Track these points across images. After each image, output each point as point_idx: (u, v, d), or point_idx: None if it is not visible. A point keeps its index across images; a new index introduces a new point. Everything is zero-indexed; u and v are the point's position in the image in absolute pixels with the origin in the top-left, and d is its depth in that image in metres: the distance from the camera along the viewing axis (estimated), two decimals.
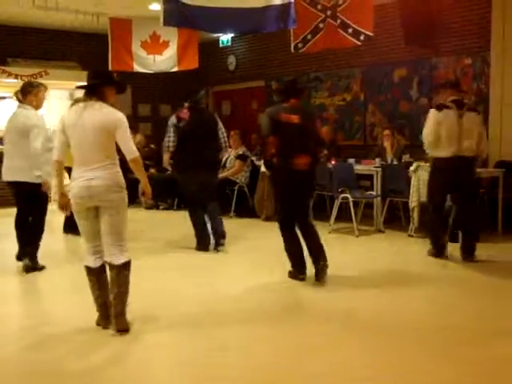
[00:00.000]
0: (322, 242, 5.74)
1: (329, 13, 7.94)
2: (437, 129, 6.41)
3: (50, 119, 9.60)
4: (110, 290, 4.35)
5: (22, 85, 6.23)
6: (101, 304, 4.41)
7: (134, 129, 12.12)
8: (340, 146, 10.35)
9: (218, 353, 4.00)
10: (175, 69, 10.72)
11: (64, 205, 4.43)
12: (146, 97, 13.30)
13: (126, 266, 4.33)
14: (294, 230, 5.80)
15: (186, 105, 7.26)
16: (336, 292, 5.43)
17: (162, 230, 8.88)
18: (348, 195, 8.12)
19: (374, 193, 8.44)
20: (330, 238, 8.00)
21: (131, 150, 4.33)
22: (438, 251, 6.68)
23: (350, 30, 7.73)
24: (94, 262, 4.39)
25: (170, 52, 10.61)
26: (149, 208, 10.48)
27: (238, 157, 10.08)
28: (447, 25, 9.19)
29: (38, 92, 6.13)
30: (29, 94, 6.04)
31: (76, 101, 4.39)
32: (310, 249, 5.76)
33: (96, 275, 4.39)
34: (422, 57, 9.67)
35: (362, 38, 7.71)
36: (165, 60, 10.63)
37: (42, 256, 6.25)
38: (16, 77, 10.87)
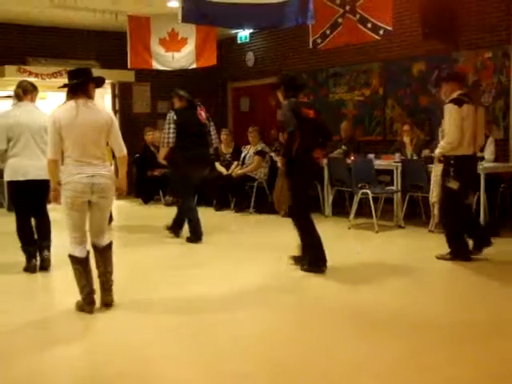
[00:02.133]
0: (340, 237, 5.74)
1: (347, 8, 7.90)
2: (462, 126, 6.05)
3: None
4: (97, 268, 4.73)
5: (22, 83, 6.17)
6: (88, 292, 4.67)
7: (153, 125, 12.26)
8: (359, 142, 10.29)
9: (227, 349, 4.01)
10: (194, 66, 10.73)
11: (57, 197, 4.70)
12: (165, 93, 13.33)
13: (111, 245, 4.84)
14: (313, 221, 5.87)
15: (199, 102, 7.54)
16: (354, 289, 5.42)
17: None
18: (368, 191, 8.09)
19: (393, 188, 8.40)
20: (349, 233, 7.99)
21: (123, 147, 4.80)
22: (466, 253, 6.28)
23: (370, 25, 7.69)
24: (81, 252, 4.67)
25: (189, 49, 10.61)
26: (169, 205, 10.51)
27: (257, 153, 10.08)
28: (466, 18, 9.11)
29: (36, 94, 6.18)
30: (29, 93, 6.04)
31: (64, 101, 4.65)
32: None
33: (84, 264, 4.68)
34: (442, 51, 9.58)
35: (381, 32, 7.67)
36: (183, 57, 10.63)
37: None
38: (36, 76, 10.95)
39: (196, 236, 7.39)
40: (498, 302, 4.98)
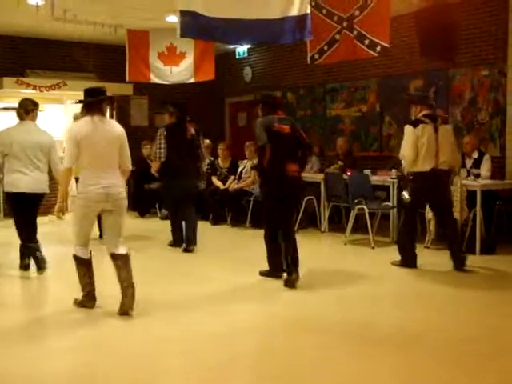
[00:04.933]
0: (333, 252, 5.74)
1: (345, 24, 7.93)
2: (416, 145, 6.53)
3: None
4: (118, 275, 4.94)
5: (25, 102, 6.53)
6: (90, 290, 5.09)
7: (150, 139, 12.25)
8: (356, 157, 10.32)
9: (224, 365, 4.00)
10: (192, 80, 10.77)
11: (63, 209, 5.05)
12: (162, 107, 13.35)
13: (129, 255, 5.02)
14: (278, 241, 6.13)
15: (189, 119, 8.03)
16: (349, 304, 5.41)
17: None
18: (364, 206, 8.10)
19: (390, 204, 8.40)
20: (345, 249, 7.99)
21: (130, 161, 5.14)
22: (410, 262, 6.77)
23: (367, 42, 7.73)
24: (87, 254, 5.06)
25: (187, 63, 10.66)
26: (164, 218, 10.47)
27: (254, 167, 10.08)
28: (463, 36, 9.17)
29: (37, 111, 6.56)
30: (31, 112, 6.44)
31: (77, 116, 4.96)
32: (290, 258, 5.96)
33: (88, 265, 5.08)
34: (439, 68, 9.64)
35: (378, 49, 7.70)
36: (181, 71, 10.68)
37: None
38: (34, 88, 10.97)
39: (177, 243, 7.81)
40: (495, 320, 4.98)
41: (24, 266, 6.48)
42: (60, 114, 11.54)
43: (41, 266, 6.35)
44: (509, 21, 8.70)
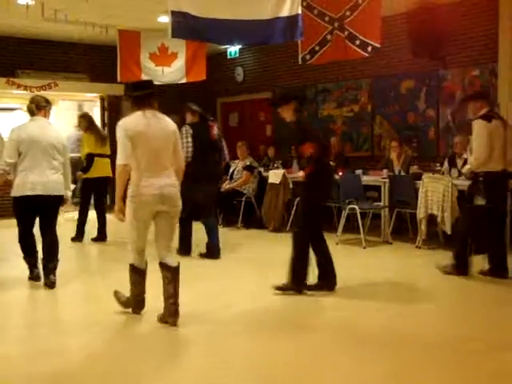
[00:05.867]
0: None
1: (336, 24, 7.95)
2: (490, 141, 5.97)
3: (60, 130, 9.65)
4: (165, 288, 4.65)
5: (37, 98, 6.12)
6: (141, 299, 4.87)
7: None
8: (347, 158, 10.34)
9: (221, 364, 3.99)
10: (183, 80, 10.75)
11: (123, 209, 4.62)
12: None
13: (179, 268, 4.71)
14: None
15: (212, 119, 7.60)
16: (342, 304, 5.41)
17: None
18: (355, 206, 8.11)
19: (381, 204, 8.42)
20: (337, 249, 7.97)
21: (183, 158, 4.86)
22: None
23: (358, 42, 7.74)
24: (143, 264, 4.80)
25: (179, 64, 10.64)
26: None
27: (246, 168, 10.08)
28: (454, 37, 9.20)
29: (50, 109, 6.17)
30: (43, 108, 5.98)
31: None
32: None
33: (144, 275, 4.82)
34: (430, 68, 9.67)
35: (369, 49, 7.71)
36: (173, 72, 10.66)
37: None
38: (25, 88, 10.93)
39: (184, 251, 7.39)
40: (489, 318, 5.00)
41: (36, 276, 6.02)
42: (51, 115, 11.49)
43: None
44: (499, 21, 8.74)
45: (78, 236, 8.47)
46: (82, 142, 8.77)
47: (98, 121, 11.50)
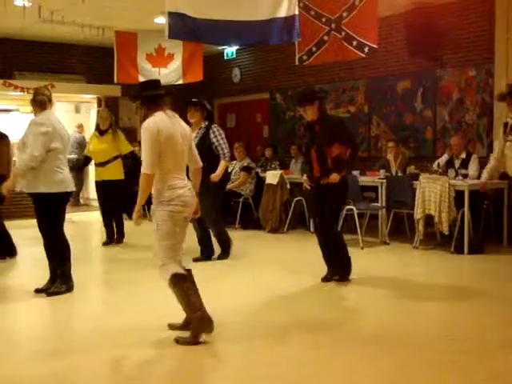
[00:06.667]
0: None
1: (333, 25, 7.95)
2: None
3: None
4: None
5: (46, 91, 5.83)
6: (204, 309, 4.30)
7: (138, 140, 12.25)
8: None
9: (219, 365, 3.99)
10: (180, 81, 10.75)
11: (141, 216, 4.35)
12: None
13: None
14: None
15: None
16: (340, 304, 5.42)
17: None
18: (353, 207, 8.12)
19: (378, 204, 8.44)
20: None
21: (199, 158, 4.56)
22: None
23: (355, 43, 7.75)
24: (182, 269, 4.33)
25: (175, 65, 10.65)
26: None
27: (243, 169, 10.09)
28: (451, 37, 9.22)
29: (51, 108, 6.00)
30: (51, 102, 5.77)
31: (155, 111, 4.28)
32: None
33: (193, 279, 4.39)
34: (427, 69, 9.69)
35: (366, 50, 7.72)
36: (170, 73, 10.66)
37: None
38: (22, 90, 10.94)
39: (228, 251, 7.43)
40: (483, 319, 5.01)
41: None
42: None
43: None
44: (495, 21, 8.77)
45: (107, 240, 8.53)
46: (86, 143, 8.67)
47: (94, 122, 11.51)
